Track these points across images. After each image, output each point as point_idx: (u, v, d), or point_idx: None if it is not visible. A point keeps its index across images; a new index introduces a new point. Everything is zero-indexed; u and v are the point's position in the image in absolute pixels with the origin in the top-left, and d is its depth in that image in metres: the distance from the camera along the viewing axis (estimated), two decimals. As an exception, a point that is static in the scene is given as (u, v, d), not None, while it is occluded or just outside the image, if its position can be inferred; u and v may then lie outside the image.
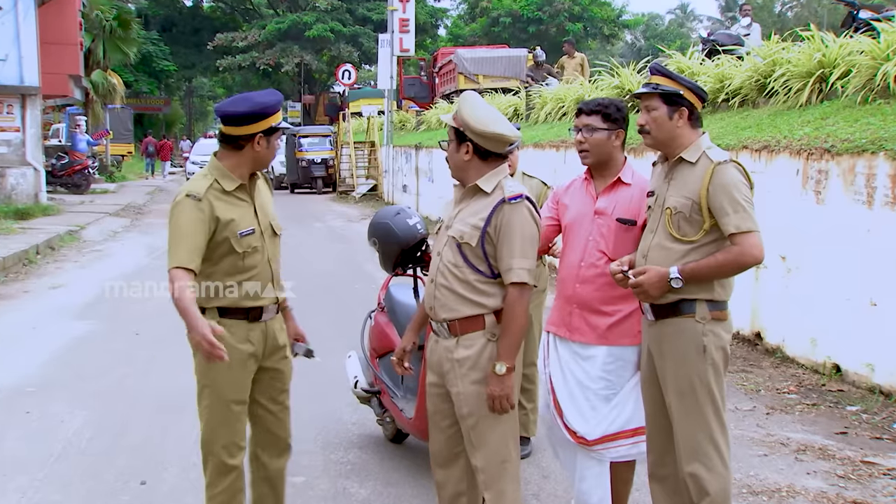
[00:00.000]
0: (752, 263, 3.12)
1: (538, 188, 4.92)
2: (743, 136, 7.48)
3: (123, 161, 35.37)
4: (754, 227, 3.09)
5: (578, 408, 3.56)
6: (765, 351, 6.96)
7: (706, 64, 9.62)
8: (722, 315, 3.23)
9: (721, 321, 3.23)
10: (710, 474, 3.21)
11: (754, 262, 3.12)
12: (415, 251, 4.50)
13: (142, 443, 5.23)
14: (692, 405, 3.24)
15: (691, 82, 3.30)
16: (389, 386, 4.89)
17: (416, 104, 28.78)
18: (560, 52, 18.77)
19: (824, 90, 7.45)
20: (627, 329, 3.52)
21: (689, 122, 3.25)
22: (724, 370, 3.28)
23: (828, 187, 6.28)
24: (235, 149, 3.38)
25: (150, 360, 7.06)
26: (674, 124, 3.23)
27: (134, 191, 26.08)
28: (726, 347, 3.26)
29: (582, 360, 3.56)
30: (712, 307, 3.20)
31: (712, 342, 3.21)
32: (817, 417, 5.59)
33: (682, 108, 3.23)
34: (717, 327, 3.21)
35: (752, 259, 3.10)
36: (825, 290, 6.25)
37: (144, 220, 18.63)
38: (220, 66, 45.33)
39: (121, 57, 30.02)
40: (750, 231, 3.08)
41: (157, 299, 9.51)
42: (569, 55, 17.06)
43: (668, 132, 3.24)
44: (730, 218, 3.09)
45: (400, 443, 5.18)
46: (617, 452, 3.56)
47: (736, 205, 3.08)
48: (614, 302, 3.51)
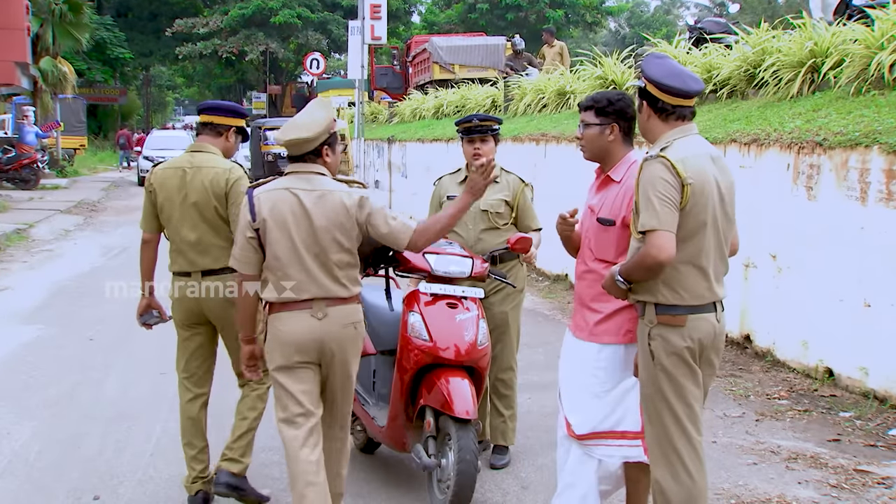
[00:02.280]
0: (651, 264, 3.16)
1: (516, 185, 4.93)
2: (731, 129, 7.53)
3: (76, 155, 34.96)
4: (658, 225, 3.14)
5: (574, 400, 3.68)
6: (754, 354, 7.01)
7: (693, 53, 9.68)
8: (674, 320, 3.26)
9: (673, 326, 3.26)
10: (674, 484, 3.29)
11: (654, 263, 3.15)
12: (387, 250, 4.48)
13: (95, 455, 5.17)
14: (651, 411, 3.35)
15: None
16: (360, 393, 4.87)
17: (389, 95, 28.71)
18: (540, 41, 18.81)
19: (816, 80, 7.51)
20: (611, 327, 3.61)
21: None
22: (685, 377, 3.30)
23: (820, 183, 6.34)
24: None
25: (105, 368, 6.99)
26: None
27: (87, 186, 25.82)
28: (681, 354, 3.27)
29: (579, 354, 3.70)
30: (660, 311, 3.27)
31: (660, 347, 3.27)
32: (809, 424, 5.64)
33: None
34: (667, 332, 3.27)
35: (650, 259, 3.15)
36: (817, 290, 6.31)
37: (99, 218, 18.45)
38: (179, 53, 44.90)
39: (72, 43, 29.66)
40: (653, 230, 3.14)
41: (113, 301, 9.42)
42: (548, 44, 17.10)
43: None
44: (639, 217, 3.21)
45: (371, 453, 5.18)
46: (602, 452, 3.65)
47: (647, 203, 3.18)
48: (601, 299, 3.61)
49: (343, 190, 3.71)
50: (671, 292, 3.26)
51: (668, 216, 3.15)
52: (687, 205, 3.21)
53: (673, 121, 3.35)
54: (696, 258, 3.27)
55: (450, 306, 4.33)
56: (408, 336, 4.28)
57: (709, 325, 3.32)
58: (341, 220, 3.65)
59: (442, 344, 4.21)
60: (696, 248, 3.27)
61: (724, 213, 3.37)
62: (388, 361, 4.71)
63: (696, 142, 3.37)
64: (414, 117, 20.78)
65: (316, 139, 3.67)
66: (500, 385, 4.98)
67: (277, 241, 3.63)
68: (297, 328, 3.65)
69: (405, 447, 4.48)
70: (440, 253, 4.47)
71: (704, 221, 3.26)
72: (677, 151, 3.25)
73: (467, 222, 4.89)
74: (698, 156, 3.30)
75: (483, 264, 4.52)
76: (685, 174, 3.19)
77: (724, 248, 3.39)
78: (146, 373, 6.84)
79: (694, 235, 3.26)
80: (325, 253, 3.65)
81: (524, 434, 5.34)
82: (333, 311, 3.68)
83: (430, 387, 4.19)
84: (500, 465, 4.96)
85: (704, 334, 3.31)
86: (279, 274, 3.65)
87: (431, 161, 15.08)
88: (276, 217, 3.63)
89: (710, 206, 3.28)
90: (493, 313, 4.84)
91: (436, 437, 4.21)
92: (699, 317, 3.29)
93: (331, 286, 3.67)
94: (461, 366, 4.24)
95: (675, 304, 3.26)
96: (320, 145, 3.70)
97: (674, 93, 3.33)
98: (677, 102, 3.34)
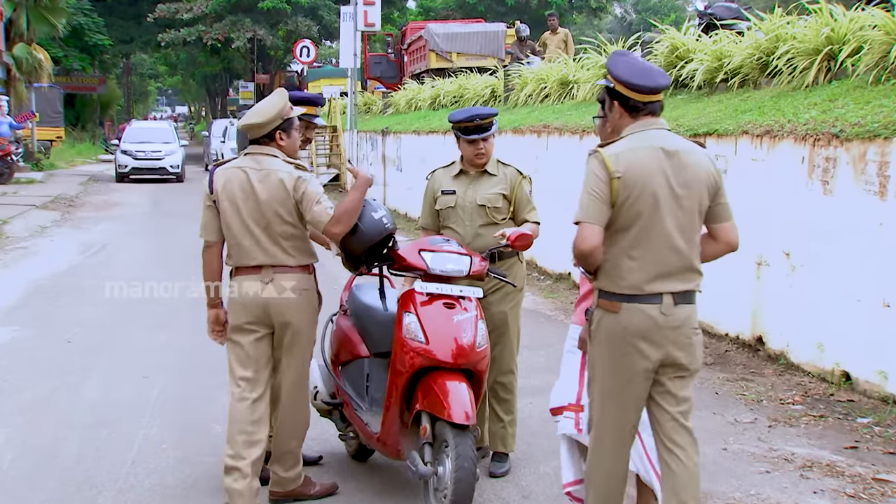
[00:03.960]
0: (577, 254, 3.48)
1: (513, 177, 4.93)
2: (743, 120, 7.54)
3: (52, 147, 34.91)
4: (582, 217, 3.45)
5: (560, 382, 4.10)
6: (767, 357, 7.02)
7: (703, 40, 9.68)
8: (610, 305, 3.51)
9: (609, 311, 3.52)
10: (594, 461, 3.67)
11: (578, 253, 3.47)
12: (381, 248, 4.49)
13: (72, 464, 5.16)
14: (589, 390, 3.71)
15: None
16: (353, 397, 4.87)
17: (383, 85, 28.68)
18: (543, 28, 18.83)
19: (833, 69, 7.51)
20: (579, 310, 3.99)
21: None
22: (615, 363, 3.52)
23: (836, 176, 6.35)
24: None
25: (84, 371, 6.99)
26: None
27: (65, 180, 25.78)
28: (613, 339, 3.51)
29: (571, 338, 4.09)
30: (601, 296, 3.56)
31: (596, 330, 3.58)
32: (825, 430, 5.65)
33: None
34: (605, 318, 3.54)
35: (576, 249, 3.47)
36: (833, 289, 6.31)
37: (77, 214, 18.43)
38: (161, 40, 44.73)
39: (47, 29, 29.58)
40: (578, 222, 3.47)
41: (93, 303, 9.42)
42: (551, 30, 17.10)
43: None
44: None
45: (364, 460, 5.17)
46: (559, 425, 4.02)
47: (580, 195, 3.49)
48: (583, 283, 4.01)
49: (286, 170, 4.31)
50: (608, 280, 3.53)
51: (593, 209, 3.42)
52: (618, 198, 3.42)
53: (643, 117, 3.54)
54: (631, 249, 3.47)
55: (447, 306, 4.33)
56: (403, 338, 4.28)
57: (645, 317, 3.47)
58: (282, 196, 4.28)
59: (438, 346, 4.21)
60: (633, 240, 3.47)
61: (682, 206, 3.47)
62: (382, 364, 4.71)
63: (650, 135, 3.50)
64: (409, 108, 20.76)
65: (268, 124, 4.32)
66: (500, 389, 4.98)
67: (227, 213, 4.32)
68: (247, 291, 4.33)
69: (400, 455, 4.48)
70: (436, 250, 4.46)
71: (640, 213, 3.44)
72: (619, 146, 3.48)
73: (464, 218, 4.89)
74: (641, 149, 3.46)
75: (481, 262, 4.52)
76: (613, 168, 3.41)
77: (677, 243, 3.48)
78: (127, 377, 6.84)
79: (630, 227, 3.46)
80: (270, 225, 4.29)
81: (525, 440, 5.34)
82: (280, 277, 4.32)
83: (426, 391, 4.19)
84: (499, 474, 4.96)
85: (641, 324, 3.47)
86: (232, 242, 4.35)
87: (427, 154, 15.07)
88: (227, 192, 4.31)
89: (648, 199, 3.43)
90: (492, 313, 4.84)
91: (432, 443, 4.21)
92: (634, 306, 3.48)
93: (278, 254, 4.32)
94: (459, 369, 4.24)
95: (613, 291, 3.51)
96: (273, 130, 4.34)
97: (644, 90, 3.50)
98: (647, 99, 3.52)
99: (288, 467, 4.55)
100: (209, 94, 74.42)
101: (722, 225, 3.62)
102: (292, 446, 4.55)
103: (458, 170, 5.00)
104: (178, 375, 6.91)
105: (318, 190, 4.31)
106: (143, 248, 13.70)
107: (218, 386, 6.53)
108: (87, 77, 46.65)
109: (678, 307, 3.50)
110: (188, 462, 5.18)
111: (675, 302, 3.49)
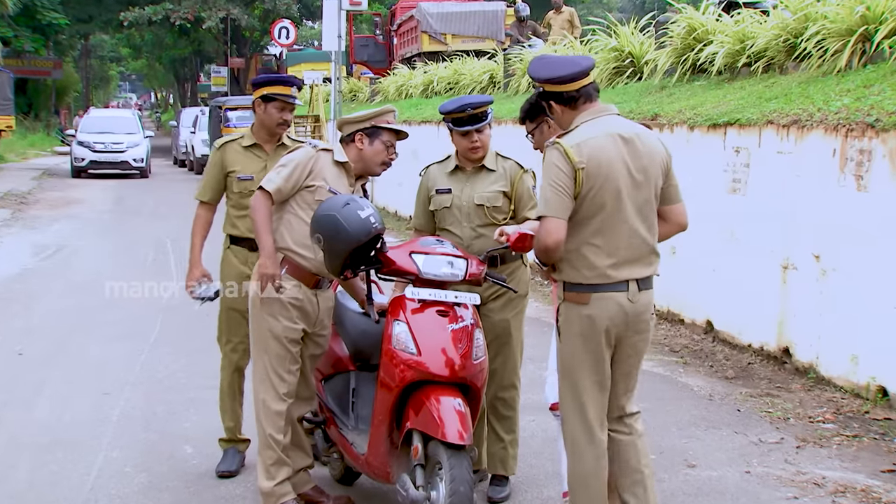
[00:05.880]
0: (541, 248, 3.82)
1: (514, 172, 4.93)
2: (767, 109, 7.56)
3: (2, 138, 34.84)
4: (545, 211, 3.80)
5: (551, 380, 4.43)
6: (794, 370, 7.04)
7: (724, 20, 9.70)
8: (578, 297, 3.87)
9: (578, 304, 3.87)
10: (571, 461, 4.01)
11: (543, 247, 3.81)
12: (367, 250, 4.48)
13: (24, 489, 5.15)
14: (560, 386, 4.04)
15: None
16: (338, 414, 4.87)
17: (370, 70, 28.70)
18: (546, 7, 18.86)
19: (868, 52, 7.52)
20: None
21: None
22: (586, 356, 3.89)
23: (871, 171, 6.36)
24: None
25: (37, 386, 6.97)
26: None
27: (15, 175, 25.75)
28: (584, 332, 3.87)
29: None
30: (567, 288, 3.91)
31: (565, 323, 3.93)
32: (859, 452, 5.66)
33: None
34: (572, 309, 3.90)
35: (540, 244, 3.82)
36: (868, 296, 6.33)
37: (29, 212, 18.39)
38: (124, 20, 44.58)
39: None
40: (542, 216, 3.81)
41: (47, 310, 9.41)
42: (556, 9, 17.14)
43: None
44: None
45: (350, 484, 5.17)
46: (560, 422, 4.25)
47: (542, 189, 3.85)
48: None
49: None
50: (574, 271, 3.87)
51: (556, 203, 3.76)
52: (581, 188, 3.78)
53: (582, 104, 3.93)
54: (595, 238, 3.84)
55: (441, 314, 4.32)
56: (392, 349, 4.28)
57: (614, 304, 3.86)
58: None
59: (431, 358, 4.20)
60: (596, 229, 3.83)
61: (641, 192, 3.89)
62: (369, 378, 4.70)
63: (604, 123, 3.90)
64: (399, 95, 20.79)
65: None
66: (500, 405, 4.99)
67: None
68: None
69: (389, 478, 4.47)
70: (429, 252, 4.46)
71: (604, 203, 3.81)
72: (576, 136, 3.83)
73: (461, 219, 4.89)
74: (600, 137, 3.83)
75: (479, 266, 4.52)
76: (576, 159, 3.76)
77: (643, 228, 3.91)
78: (85, 392, 6.83)
79: (594, 216, 3.82)
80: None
81: (527, 462, 5.35)
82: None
83: (417, 408, 4.19)
84: (498, 499, 4.96)
85: (610, 313, 3.86)
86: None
87: (420, 146, 15.08)
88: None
89: (612, 188, 3.81)
90: (492, 322, 4.84)
91: (424, 465, 4.20)
92: (603, 295, 3.85)
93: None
94: (454, 383, 4.23)
95: (578, 282, 3.87)
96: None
97: (567, 78, 3.91)
98: (578, 85, 3.91)
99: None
100: (178, 80, 74.35)
101: (673, 206, 4.05)
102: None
103: (453, 165, 4.99)
104: (141, 391, 6.90)
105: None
106: (103, 250, 13.66)
107: (186, 403, 6.54)
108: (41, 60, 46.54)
109: (642, 293, 3.92)
110: (154, 487, 5.17)
111: (639, 288, 3.91)
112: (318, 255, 4.47)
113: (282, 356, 4.53)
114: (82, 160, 27.00)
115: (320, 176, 4.58)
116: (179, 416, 6.25)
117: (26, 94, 46.94)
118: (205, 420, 6.06)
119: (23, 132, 41.19)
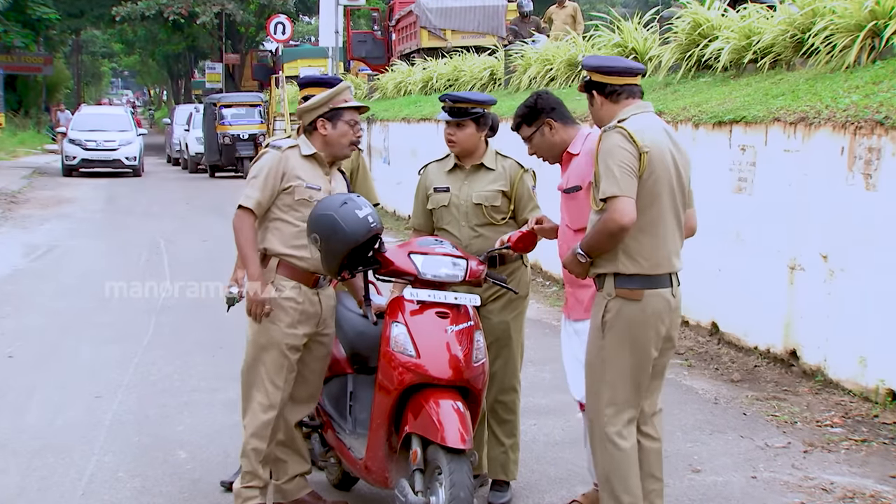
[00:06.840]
0: (614, 229, 3.84)
1: (513, 171, 4.94)
2: (774, 106, 7.56)
3: (-9, 136, 34.92)
4: (618, 191, 3.83)
5: (578, 379, 4.34)
6: (801, 373, 7.04)
7: (729, 15, 9.71)
8: (631, 294, 3.94)
9: (630, 300, 3.94)
10: (600, 454, 4.07)
11: (616, 228, 3.83)
12: (365, 250, 4.48)
13: (14, 496, 5.15)
14: (589, 381, 4.10)
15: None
16: (335, 418, 4.87)
17: (368, 66, 28.69)
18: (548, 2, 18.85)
19: (877, 47, 7.52)
20: (578, 302, 4.44)
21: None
22: (630, 354, 3.97)
23: (880, 169, 6.36)
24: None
25: (28, 389, 6.97)
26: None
27: (5, 173, 25.72)
28: (636, 331, 3.95)
29: (576, 336, 4.44)
30: (619, 283, 3.96)
31: (613, 320, 3.96)
32: (868, 456, 5.66)
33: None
34: (622, 305, 3.95)
35: (613, 224, 3.83)
36: (878, 297, 6.33)
37: (20, 212, 18.39)
38: (116, 15, 44.58)
39: (-18, 1, 29.42)
40: (614, 196, 3.84)
41: (38, 312, 9.40)
42: (558, 4, 17.14)
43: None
44: (599, 187, 3.92)
45: (348, 490, 5.17)
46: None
47: (607, 171, 3.87)
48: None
49: None
50: (630, 260, 3.93)
51: (627, 182, 3.84)
52: (644, 173, 3.89)
53: (624, 100, 4.09)
54: (653, 226, 3.96)
55: (440, 316, 4.33)
56: (390, 351, 4.28)
57: (663, 301, 3.99)
58: None
59: (430, 360, 4.21)
60: (654, 217, 3.95)
61: (681, 188, 4.07)
62: (367, 381, 4.71)
63: (651, 118, 4.10)
64: (398, 92, 20.77)
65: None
66: (501, 409, 4.99)
67: None
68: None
69: (387, 483, 4.48)
70: (428, 253, 4.46)
71: (660, 191, 3.96)
72: (633, 123, 3.95)
73: (459, 218, 4.90)
74: (655, 128, 4.03)
75: (479, 266, 4.53)
76: (642, 143, 3.88)
77: (679, 223, 4.09)
78: (77, 396, 6.83)
79: (652, 204, 3.94)
80: None
81: (528, 467, 5.35)
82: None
83: (416, 411, 4.19)
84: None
85: (660, 310, 3.98)
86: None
87: (418, 145, 15.08)
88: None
89: (666, 178, 3.98)
90: (492, 324, 4.84)
91: (424, 470, 4.21)
92: (654, 293, 3.96)
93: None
94: (454, 386, 4.24)
95: (634, 273, 3.93)
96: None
97: (618, 72, 4.12)
98: (625, 81, 4.11)
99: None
100: (171, 77, 74.37)
101: (687, 211, 4.17)
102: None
103: (452, 164, 5.01)
104: (134, 394, 6.90)
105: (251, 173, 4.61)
106: (95, 250, 13.66)
107: (180, 406, 6.54)
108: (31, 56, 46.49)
109: (678, 288, 4.08)
110: (147, 493, 5.18)
111: (678, 282, 4.07)
112: (314, 254, 4.48)
113: (279, 365, 4.53)
114: (73, 158, 26.90)
115: (293, 175, 4.56)
116: (173, 420, 6.26)
117: (16, 90, 46.94)
118: (199, 424, 6.06)
119: (12, 129, 41.20)
